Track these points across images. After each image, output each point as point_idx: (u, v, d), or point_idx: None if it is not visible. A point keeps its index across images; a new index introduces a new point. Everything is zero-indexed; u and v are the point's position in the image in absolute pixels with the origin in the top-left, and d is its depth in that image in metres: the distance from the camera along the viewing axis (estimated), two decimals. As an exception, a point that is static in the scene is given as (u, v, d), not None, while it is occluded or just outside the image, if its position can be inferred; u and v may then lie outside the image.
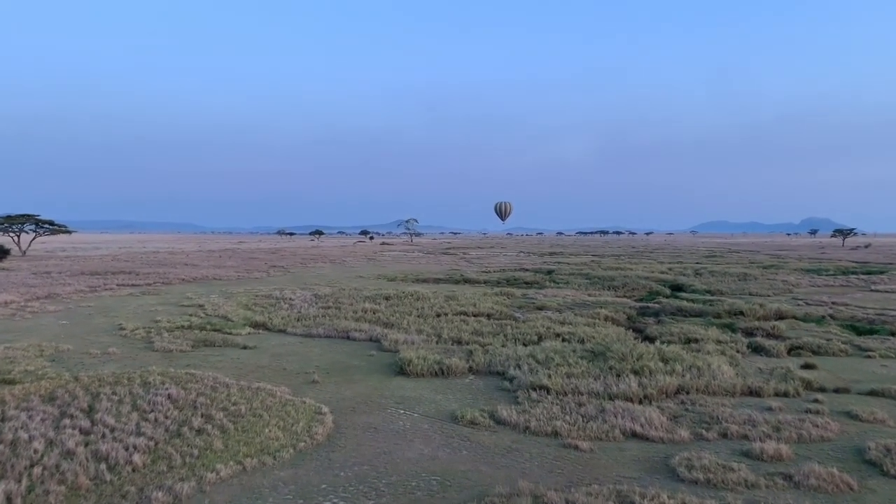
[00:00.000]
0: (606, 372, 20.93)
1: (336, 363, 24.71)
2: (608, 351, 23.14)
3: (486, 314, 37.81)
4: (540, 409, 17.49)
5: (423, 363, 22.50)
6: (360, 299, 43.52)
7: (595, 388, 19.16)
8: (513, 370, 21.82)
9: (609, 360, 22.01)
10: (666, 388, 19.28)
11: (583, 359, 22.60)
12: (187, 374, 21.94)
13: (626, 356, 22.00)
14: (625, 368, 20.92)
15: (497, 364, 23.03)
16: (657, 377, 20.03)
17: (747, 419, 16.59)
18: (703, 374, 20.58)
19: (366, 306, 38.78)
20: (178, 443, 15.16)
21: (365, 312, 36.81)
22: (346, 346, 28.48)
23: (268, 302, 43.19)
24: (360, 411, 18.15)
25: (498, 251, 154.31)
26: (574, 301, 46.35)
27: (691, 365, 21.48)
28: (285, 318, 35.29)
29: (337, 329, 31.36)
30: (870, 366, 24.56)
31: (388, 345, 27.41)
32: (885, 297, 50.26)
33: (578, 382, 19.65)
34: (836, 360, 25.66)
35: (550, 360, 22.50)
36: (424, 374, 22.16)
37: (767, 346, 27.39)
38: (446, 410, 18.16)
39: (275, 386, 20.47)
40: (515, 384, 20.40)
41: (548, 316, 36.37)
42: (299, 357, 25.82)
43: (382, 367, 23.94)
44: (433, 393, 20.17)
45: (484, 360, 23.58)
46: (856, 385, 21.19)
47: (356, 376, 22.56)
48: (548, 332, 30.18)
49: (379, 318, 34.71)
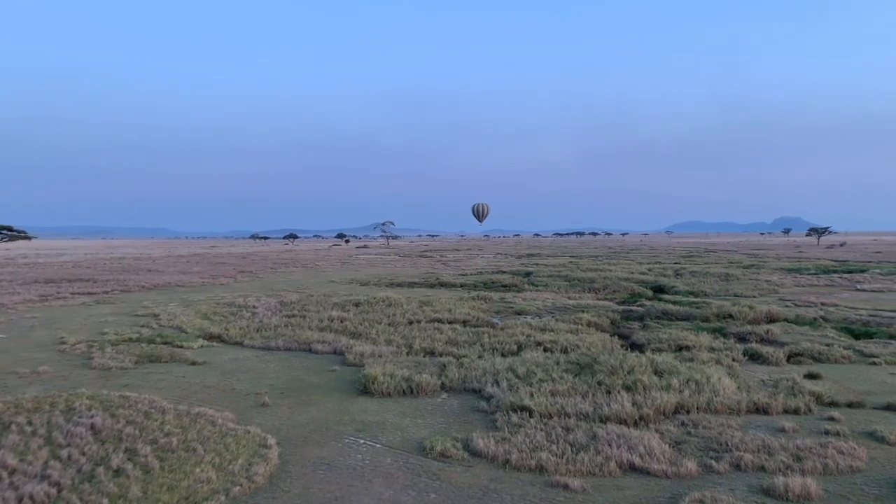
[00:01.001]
0: (595, 388, 18.60)
1: (293, 381, 22.12)
2: (595, 363, 20.82)
3: (462, 321, 35.42)
4: (522, 436, 15.07)
5: (389, 381, 20.00)
6: (328, 306, 40.87)
7: (584, 409, 16.80)
8: (490, 387, 19.40)
9: (597, 373, 19.68)
10: (663, 407, 16.99)
11: (568, 372, 20.26)
12: (121, 397, 19.22)
13: (616, 369, 19.70)
14: (615, 384, 18.60)
15: (473, 380, 20.60)
16: (652, 394, 17.73)
17: (761, 445, 14.31)
18: (703, 390, 18.32)
19: (333, 314, 36.15)
20: (86, 489, 12.51)
21: (331, 321, 34.19)
22: (306, 360, 25.87)
23: (229, 310, 40.41)
24: (313, 442, 15.59)
25: (475, 253, 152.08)
26: (554, 305, 44.12)
27: (689, 378, 19.22)
28: (244, 328, 32.58)
29: (298, 341, 28.72)
30: (877, 374, 22.51)
31: (353, 358, 24.86)
32: (873, 296, 48.68)
33: (564, 402, 17.27)
34: (840, 368, 23.60)
35: (532, 374, 20.12)
36: (391, 394, 19.67)
37: (765, 354, 25.28)
38: (414, 439, 15.69)
39: (218, 411, 17.85)
40: (493, 404, 17.97)
41: (527, 322, 34.03)
42: (253, 374, 23.18)
43: (344, 384, 21.39)
44: (400, 416, 17.68)
45: (458, 375, 21.15)
46: (868, 398, 19.08)
47: (314, 396, 19.99)
48: (528, 341, 27.83)
49: (346, 328, 32.11)
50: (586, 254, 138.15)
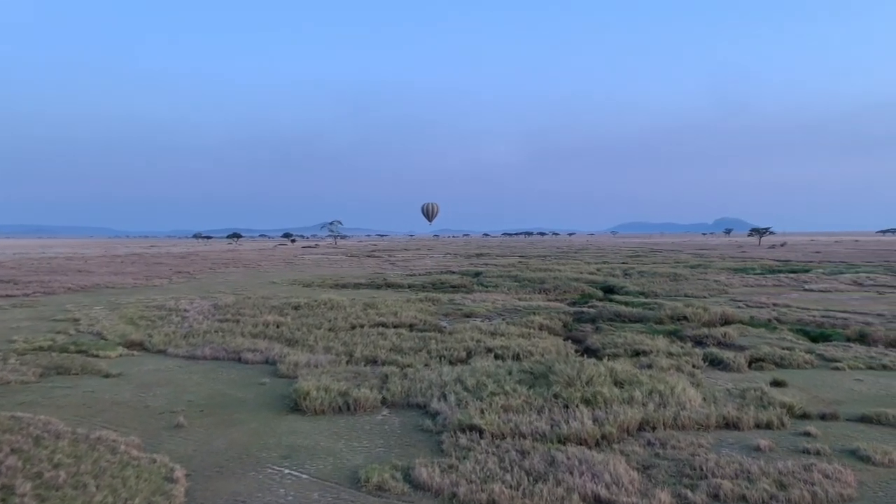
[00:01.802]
0: (551, 402, 16.85)
1: (216, 396, 19.79)
2: (551, 372, 19.10)
3: (409, 325, 33.40)
4: (471, 462, 13.16)
5: (323, 396, 17.88)
6: (264, 310, 38.33)
7: (540, 428, 15.01)
8: (436, 402, 17.47)
9: (553, 384, 17.95)
10: (627, 424, 15.33)
11: (521, 384, 18.46)
12: (11, 418, 16.69)
13: (574, 380, 17.99)
14: (573, 397, 16.89)
15: (417, 393, 18.64)
16: (614, 408, 16.07)
17: (739, 469, 12.72)
18: (669, 403, 16.76)
19: (269, 319, 33.70)
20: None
21: (266, 326, 31.77)
22: (234, 370, 23.51)
23: (158, 314, 37.55)
24: (230, 473, 13.40)
25: (424, 253, 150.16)
26: (504, 307, 42.50)
27: (651, 389, 17.65)
28: (170, 334, 29.92)
29: (228, 349, 26.30)
30: (842, 380, 21.41)
31: (286, 369, 22.61)
32: (822, 297, 48.52)
33: (519, 419, 15.46)
34: (804, 374, 22.46)
35: (482, 386, 18.27)
36: (325, 411, 17.55)
37: (725, 359, 24.02)
38: (347, 467, 13.63)
39: (122, 435, 15.49)
40: (440, 423, 16.05)
41: (477, 325, 32.22)
42: (172, 388, 20.75)
43: (274, 400, 19.17)
44: (333, 438, 15.60)
45: (402, 387, 19.15)
46: (840, 408, 17.83)
47: (237, 415, 17.74)
48: (478, 347, 26.01)
49: (282, 334, 29.74)
50: (535, 254, 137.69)
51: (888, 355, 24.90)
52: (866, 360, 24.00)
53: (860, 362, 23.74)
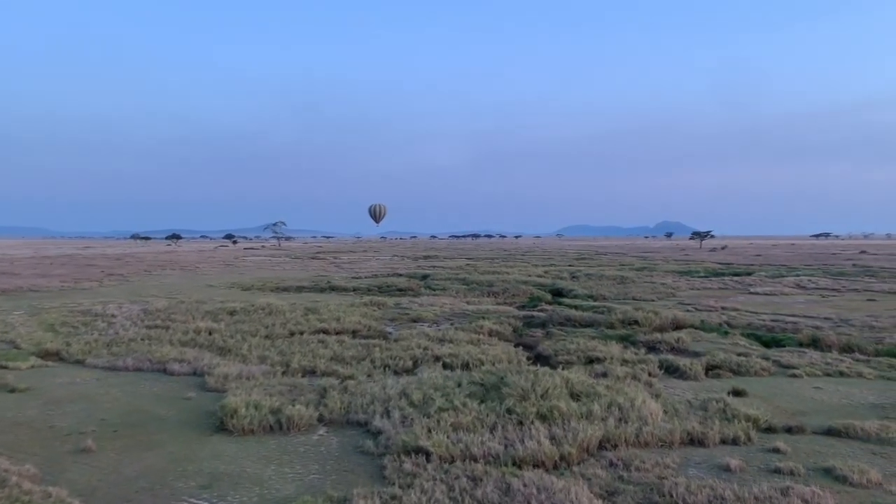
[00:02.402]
0: (505, 418, 15.48)
1: (133, 413, 17.78)
2: (503, 384, 17.73)
3: (352, 331, 31.69)
4: (417, 492, 11.64)
5: (253, 414, 16.12)
6: (197, 315, 36.05)
7: (493, 449, 13.60)
8: (379, 419, 15.91)
9: (506, 398, 16.58)
10: (587, 443, 14.06)
11: (472, 397, 17.03)
12: None
13: (528, 392, 16.66)
14: (528, 412, 15.55)
15: (359, 409, 17.03)
16: (573, 425, 14.78)
17: (712, 495, 11.53)
18: (629, 417, 15.57)
19: (201, 325, 31.50)
20: None
21: (198, 333, 29.62)
22: (158, 383, 21.44)
23: (82, 320, 34.88)
24: (137, 510, 11.61)
25: (371, 255, 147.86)
26: (453, 311, 41.13)
27: (610, 402, 16.45)
28: (91, 343, 27.53)
29: (153, 359, 24.15)
30: (801, 388, 20.67)
31: (215, 382, 20.68)
32: (768, 300, 48.69)
33: (470, 439, 14.02)
34: (762, 382, 21.69)
35: (430, 401, 16.77)
36: (255, 431, 15.80)
37: (682, 366, 23.10)
38: (276, 499, 11.96)
39: (17, 463, 13.44)
40: (382, 443, 14.49)
41: (424, 332, 30.72)
42: (85, 404, 18.63)
43: (198, 418, 17.29)
44: (262, 463, 13.88)
45: (341, 402, 17.50)
46: (805, 420, 16.98)
47: (156, 435, 15.84)
48: (425, 355, 24.52)
49: (213, 342, 27.68)
50: (483, 256, 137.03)
51: (843, 361, 24.39)
52: (823, 367, 23.42)
53: (817, 369, 23.13)
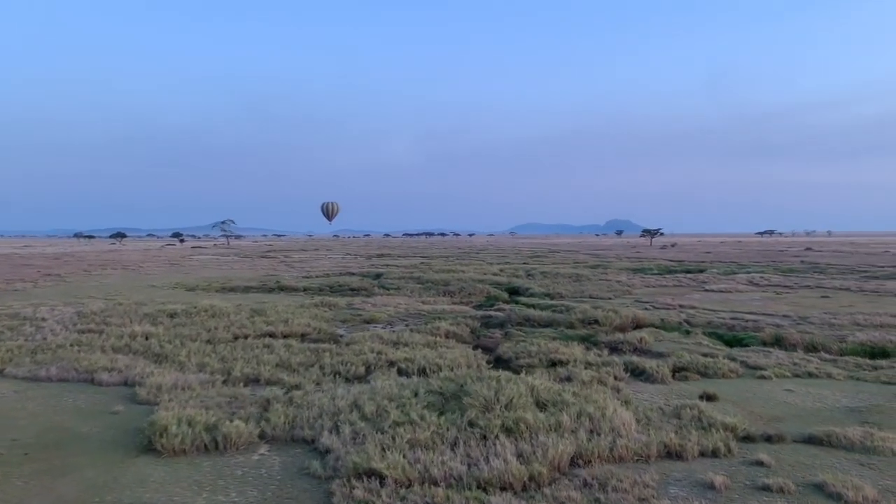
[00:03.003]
0: (467, 432, 14.09)
1: (51, 431, 15.83)
2: (464, 392, 16.34)
3: (301, 334, 29.95)
4: (369, 525, 10.19)
5: (186, 431, 14.37)
6: (135, 318, 33.76)
7: (455, 470, 12.19)
8: (328, 436, 14.33)
9: (467, 408, 15.18)
10: (558, 460, 12.76)
11: (430, 408, 15.59)
12: None
13: (491, 402, 15.29)
14: (492, 425, 14.19)
15: (305, 424, 15.42)
16: (541, 439, 13.47)
17: (700, 520, 10.36)
18: (601, 429, 14.34)
19: (137, 329, 29.31)
20: None
21: (133, 338, 27.48)
22: (84, 395, 19.38)
23: (8, 324, 32.25)
24: (38, 556, 9.86)
25: (323, 254, 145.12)
26: (408, 311, 39.65)
27: (580, 412, 15.19)
28: (13, 350, 25.17)
29: (80, 367, 22.00)
30: (772, 391, 19.82)
31: (147, 393, 18.79)
32: (724, 297, 48.48)
33: (429, 458, 12.58)
34: (731, 385, 20.80)
35: (384, 413, 15.27)
36: (187, 451, 14.07)
37: (648, 369, 22.09)
38: (205, 537, 10.37)
39: None
40: (331, 465, 12.93)
41: (378, 334, 29.13)
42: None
43: (125, 436, 15.45)
44: (193, 490, 12.19)
45: (286, 416, 15.86)
46: (783, 427, 16.05)
47: (74, 458, 13.96)
48: (379, 360, 23.00)
49: (150, 348, 25.61)
50: (437, 254, 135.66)
51: (811, 361, 23.75)
52: (791, 368, 22.68)
53: (785, 370, 22.37)
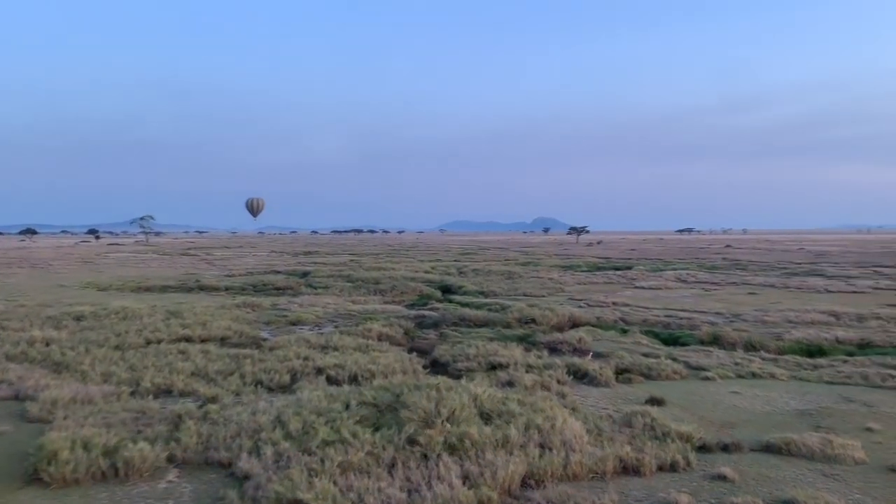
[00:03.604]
0: (406, 451, 12.63)
1: (-84, 461, 13.54)
2: (401, 404, 14.86)
3: (220, 338, 27.82)
4: (295, 572, 8.62)
5: (80, 457, 12.38)
6: (37, 321, 30.81)
7: (394, 498, 10.70)
8: (247, 458, 12.60)
9: (406, 423, 13.71)
10: (508, 481, 11.47)
11: (363, 424, 14.05)
12: None
13: (432, 415, 13.86)
14: (434, 442, 12.77)
15: (221, 444, 13.61)
16: (488, 457, 12.16)
17: (672, 551, 9.23)
18: (552, 443, 13.12)
19: (37, 334, 26.52)
20: None
21: (32, 345, 24.79)
22: (-36, 414, 17.01)
23: None
24: None
25: (247, 251, 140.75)
26: (337, 311, 37.86)
27: (527, 424, 13.94)
28: None
29: (-37, 381, 19.48)
30: (718, 394, 19.15)
31: (40, 409, 16.51)
32: (655, 294, 48.62)
33: (364, 485, 11.06)
34: (677, 388, 20.06)
35: (312, 430, 13.62)
36: (81, 480, 12.10)
37: (591, 371, 21.15)
38: None
39: None
40: (249, 495, 11.21)
41: (305, 337, 27.26)
42: None
43: (8, 462, 13.20)
44: (83, 532, 10.35)
45: (199, 435, 14.02)
46: (735, 432, 15.28)
47: (-60, 494, 11.83)
48: (306, 367, 21.24)
49: (49, 355, 23.05)
50: (367, 251, 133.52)
51: (752, 360, 23.34)
52: (734, 368, 22.16)
53: (728, 371, 21.81)
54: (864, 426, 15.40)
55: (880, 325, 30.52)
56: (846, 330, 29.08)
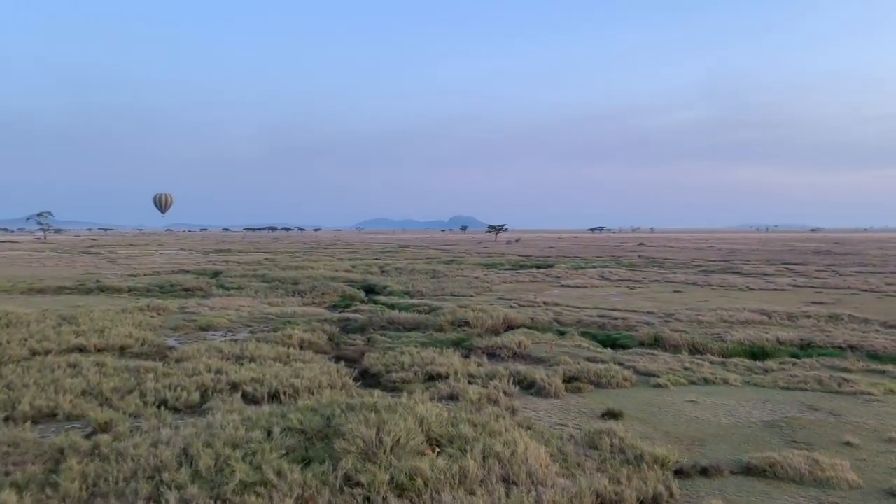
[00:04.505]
0: (345, 494, 10.38)
1: None
2: (334, 431, 12.61)
3: (120, 347, 24.69)
4: None
5: (-82, 518, 9.61)
6: None
7: (334, 562, 8.54)
8: (145, 510, 10.13)
9: (342, 455, 11.46)
10: (474, 533, 9.46)
11: (290, 457, 11.71)
12: None
13: (373, 445, 11.68)
14: (378, 481, 10.59)
15: (112, 489, 10.95)
16: (445, 500, 10.12)
17: None
18: (518, 477, 11.18)
19: None
20: None
21: None
22: None
23: None
24: None
25: (154, 249, 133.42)
26: (252, 315, 34.93)
27: (484, 451, 11.95)
28: None
29: None
30: (674, 404, 17.75)
31: None
32: (583, 293, 47.82)
33: (294, 545, 8.82)
34: (629, 397, 18.59)
35: (226, 467, 11.21)
36: (-83, 550, 9.36)
37: (538, 380, 19.37)
38: None
39: None
40: (145, 563, 8.82)
41: (217, 346, 24.38)
42: None
43: None
44: None
45: (84, 477, 11.33)
46: (706, 450, 13.84)
47: None
48: (218, 382, 18.59)
49: None
50: (282, 249, 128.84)
51: (701, 364, 22.25)
52: (684, 374, 20.95)
53: (679, 376, 20.57)
54: (841, 440, 14.24)
55: (814, 325, 30.31)
56: (784, 330, 28.64)
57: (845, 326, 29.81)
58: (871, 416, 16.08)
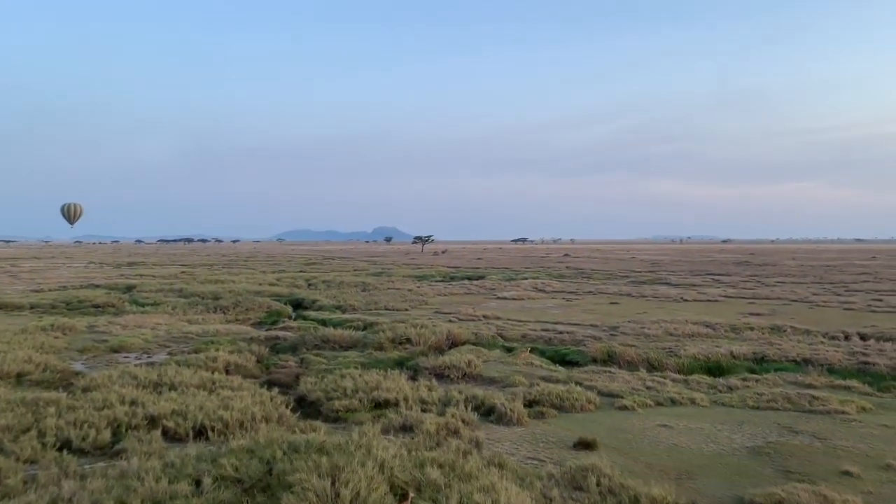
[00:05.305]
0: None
1: None
2: (277, 482, 10.50)
3: (17, 374, 21.60)
4: None
5: None
6: None
7: None
8: None
9: (289, 513, 9.42)
10: None
11: (226, 517, 9.58)
12: None
13: (328, 500, 9.66)
14: (338, 546, 8.61)
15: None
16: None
17: None
18: (504, 531, 9.41)
19: None
20: None
21: None
22: None
23: None
24: None
25: (61, 262, 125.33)
26: (170, 334, 31.94)
27: (463, 503, 10.14)
28: None
29: None
30: (647, 429, 16.41)
31: None
32: (521, 305, 46.71)
33: None
34: (597, 422, 17.15)
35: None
36: None
37: (498, 406, 17.67)
38: None
39: None
40: None
41: (131, 371, 21.52)
42: None
43: None
44: None
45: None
46: (699, 484, 12.49)
47: None
48: (133, 417, 16.02)
49: None
50: (200, 262, 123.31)
51: (662, 383, 21.09)
52: (648, 394, 19.73)
53: (644, 397, 19.31)
54: (838, 468, 13.13)
55: (760, 337, 29.89)
56: (733, 343, 28.02)
57: (790, 338, 29.49)
58: (857, 440, 15.12)
